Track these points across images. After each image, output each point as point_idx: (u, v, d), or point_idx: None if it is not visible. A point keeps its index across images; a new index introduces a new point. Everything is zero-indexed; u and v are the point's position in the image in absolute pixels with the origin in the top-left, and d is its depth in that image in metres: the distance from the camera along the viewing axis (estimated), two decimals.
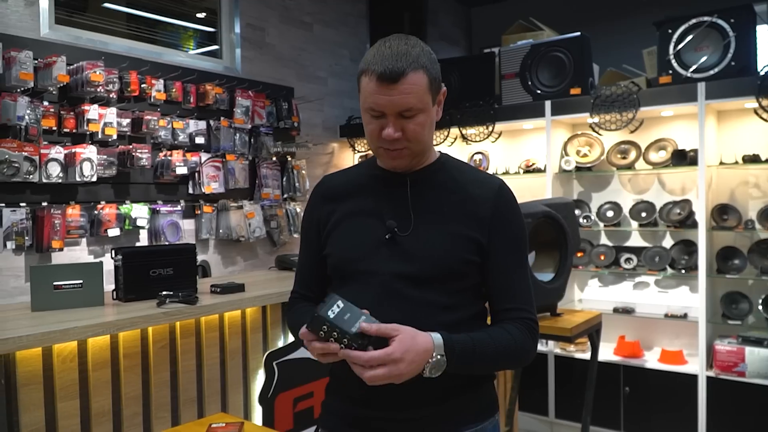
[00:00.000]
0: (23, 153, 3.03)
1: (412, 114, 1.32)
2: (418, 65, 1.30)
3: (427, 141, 1.41)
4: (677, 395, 3.80)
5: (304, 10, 4.83)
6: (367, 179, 1.49)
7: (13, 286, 3.11)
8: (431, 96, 1.35)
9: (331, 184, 1.54)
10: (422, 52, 1.33)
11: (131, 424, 2.03)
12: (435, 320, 1.34)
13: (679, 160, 3.90)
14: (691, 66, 3.76)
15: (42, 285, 2.09)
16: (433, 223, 1.40)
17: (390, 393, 1.32)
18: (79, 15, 3.63)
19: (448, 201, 1.42)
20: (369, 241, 1.41)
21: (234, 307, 2.25)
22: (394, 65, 1.29)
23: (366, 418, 1.41)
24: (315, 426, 2.58)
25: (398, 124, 1.33)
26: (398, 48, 1.31)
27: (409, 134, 1.34)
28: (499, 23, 5.21)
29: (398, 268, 1.37)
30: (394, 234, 1.39)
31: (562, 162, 4.31)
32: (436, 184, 1.44)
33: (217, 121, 4.01)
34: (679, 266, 3.96)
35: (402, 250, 1.38)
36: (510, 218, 1.44)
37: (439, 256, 1.37)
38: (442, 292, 1.37)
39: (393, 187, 1.44)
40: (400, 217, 1.40)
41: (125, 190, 3.59)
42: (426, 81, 1.32)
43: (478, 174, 1.50)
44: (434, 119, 1.40)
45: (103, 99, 3.40)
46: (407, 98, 1.30)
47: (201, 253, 3.98)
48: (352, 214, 1.46)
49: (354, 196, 1.48)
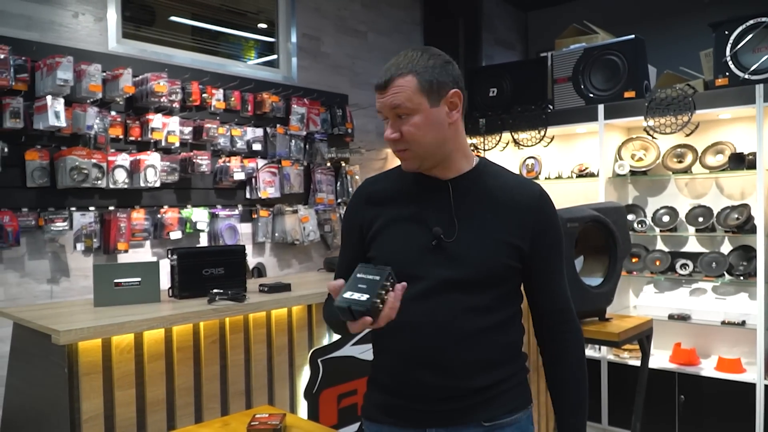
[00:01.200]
0: (92, 160, 3.23)
1: (403, 113, 1.42)
2: (406, 71, 1.42)
3: (430, 143, 1.45)
4: (734, 404, 3.71)
5: (359, 19, 4.95)
6: (410, 185, 1.54)
7: (82, 285, 3.32)
8: (425, 97, 1.42)
9: (375, 188, 1.60)
10: (417, 59, 1.44)
11: (183, 414, 2.15)
12: (477, 322, 1.45)
13: (736, 164, 3.81)
14: (748, 68, 3.67)
15: (104, 282, 2.25)
16: (476, 228, 1.47)
17: (427, 388, 1.46)
18: (147, 29, 3.84)
19: (491, 207, 1.48)
20: (415, 246, 1.47)
21: (280, 305, 2.36)
22: (383, 75, 1.44)
23: (400, 407, 1.51)
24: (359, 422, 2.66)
25: (395, 125, 1.44)
26: (392, 61, 1.46)
27: (405, 135, 1.43)
28: (556, 27, 5.19)
29: (445, 274, 1.44)
30: (440, 240, 1.46)
31: (616, 166, 4.27)
32: (477, 190, 1.50)
33: (274, 129, 4.16)
34: (737, 272, 3.86)
35: (448, 256, 1.45)
36: (551, 224, 1.52)
37: (484, 262, 1.45)
38: (485, 296, 1.45)
39: (435, 193, 1.51)
40: (444, 223, 1.47)
41: (186, 195, 3.78)
42: (415, 83, 1.41)
43: (518, 179, 1.56)
44: (439, 122, 1.45)
45: (166, 108, 3.59)
46: (394, 98, 1.42)
47: (257, 256, 4.14)
48: (396, 220, 1.52)
49: (397, 202, 1.54)
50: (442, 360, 1.45)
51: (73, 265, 3.29)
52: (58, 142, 3.23)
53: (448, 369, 1.45)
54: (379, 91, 1.45)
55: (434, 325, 1.44)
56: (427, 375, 1.46)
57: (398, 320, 1.44)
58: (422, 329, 1.45)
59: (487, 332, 1.46)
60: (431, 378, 1.45)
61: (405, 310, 1.40)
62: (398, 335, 1.48)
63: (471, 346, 1.45)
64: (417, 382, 1.47)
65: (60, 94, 3.10)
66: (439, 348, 1.45)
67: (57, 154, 3.19)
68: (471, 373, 1.45)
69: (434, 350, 1.45)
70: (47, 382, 2.02)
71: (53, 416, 1.98)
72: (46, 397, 2.03)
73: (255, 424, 1.76)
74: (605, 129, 4.21)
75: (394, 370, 1.52)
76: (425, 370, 1.46)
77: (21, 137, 3.10)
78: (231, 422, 1.85)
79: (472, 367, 1.46)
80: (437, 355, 1.45)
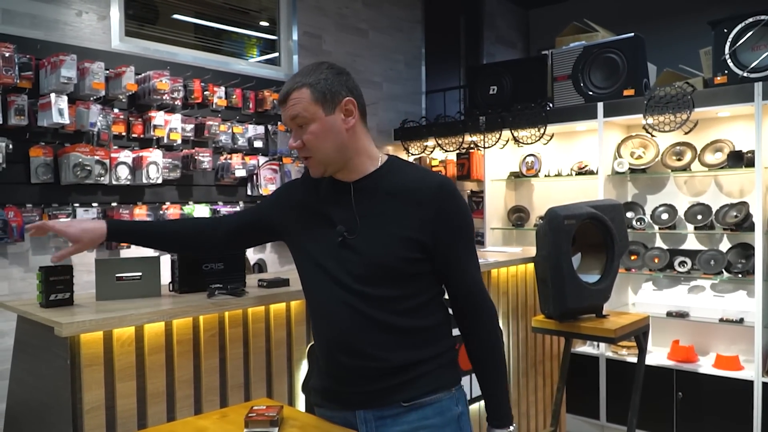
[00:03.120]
0: (95, 157, 3.27)
1: (302, 123, 1.58)
2: (300, 84, 1.57)
3: (331, 149, 1.59)
4: (732, 401, 3.73)
5: (360, 17, 4.98)
6: (326, 185, 1.71)
7: (86, 280, 3.35)
8: (320, 106, 1.57)
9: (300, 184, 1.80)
10: (310, 73, 1.59)
11: (183, 405, 2.19)
12: (385, 310, 1.59)
13: (735, 162, 3.83)
14: (747, 66, 3.69)
15: (105, 276, 2.28)
16: (375, 226, 1.60)
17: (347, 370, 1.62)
18: (150, 27, 3.88)
19: (390, 204, 1.61)
20: (325, 243, 1.64)
21: (278, 300, 2.39)
22: (282, 91, 1.61)
23: (331, 390, 1.69)
24: None
25: (297, 134, 1.60)
26: (291, 78, 1.62)
27: (306, 143, 1.59)
28: (557, 24, 5.21)
29: (348, 268, 1.60)
30: (344, 237, 1.61)
31: (615, 164, 4.29)
32: (379, 190, 1.63)
33: (275, 126, 4.20)
34: (736, 270, 3.87)
35: (350, 252, 1.60)
36: (452, 213, 1.62)
37: (379, 256, 1.58)
38: (391, 286, 1.59)
39: (342, 195, 1.66)
40: (349, 222, 1.62)
41: (188, 192, 3.82)
42: (308, 94, 1.56)
43: (419, 174, 1.66)
44: (335, 128, 1.59)
45: (168, 106, 3.62)
46: (292, 109, 1.58)
47: (258, 252, 4.17)
48: (309, 221, 1.70)
49: (311, 205, 1.72)
50: (356, 343, 1.59)
51: (76, 260, 3.32)
52: (62, 139, 3.27)
53: (361, 351, 1.59)
54: (281, 105, 1.61)
55: (346, 313, 1.59)
56: (344, 358, 1.61)
57: (319, 308, 1.68)
58: (336, 316, 1.61)
59: (397, 318, 1.59)
60: (348, 360, 1.60)
61: (322, 299, 1.65)
62: (319, 322, 1.69)
63: (382, 331, 1.58)
64: (338, 364, 1.63)
65: (64, 91, 3.14)
66: (351, 333, 1.59)
67: (61, 151, 3.23)
68: (382, 356, 1.59)
69: (348, 335, 1.60)
70: (50, 374, 2.05)
71: (56, 407, 2.02)
72: (48, 389, 2.07)
73: (253, 416, 1.79)
74: (605, 127, 4.23)
75: (322, 354, 1.70)
76: (342, 354, 1.61)
77: (25, 134, 3.14)
78: (229, 414, 1.88)
79: (384, 348, 1.59)
80: (351, 339, 1.60)
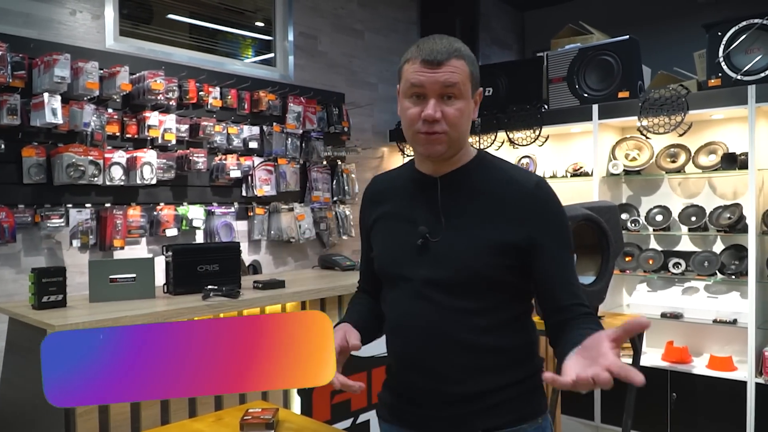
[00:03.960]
0: (89, 157, 3.25)
1: (453, 95, 1.36)
2: (460, 54, 1.37)
3: (464, 131, 1.41)
4: (725, 402, 3.74)
5: (356, 18, 4.97)
6: (405, 182, 1.53)
7: (78, 282, 3.34)
8: (471, 87, 1.40)
9: (376, 188, 1.62)
10: (464, 47, 1.40)
11: (178, 408, 2.18)
12: (466, 325, 1.39)
13: (729, 164, 3.84)
14: (741, 68, 3.70)
15: (99, 278, 2.28)
16: (463, 227, 1.40)
17: (423, 392, 1.43)
18: (145, 27, 3.86)
19: (481, 204, 1.41)
20: (403, 246, 1.45)
21: (273, 301, 2.39)
22: (439, 50, 1.35)
23: (402, 410, 1.49)
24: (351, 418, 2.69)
25: (439, 105, 1.36)
26: (442, 41, 1.38)
27: (449, 117, 1.36)
28: (552, 26, 5.22)
29: (428, 274, 1.40)
30: (425, 239, 1.41)
31: (610, 166, 4.30)
32: (469, 186, 1.44)
33: (270, 127, 4.18)
34: (729, 271, 3.89)
35: (432, 256, 1.41)
36: (551, 215, 1.42)
37: (466, 262, 1.38)
38: (473, 297, 1.38)
39: (426, 191, 1.46)
40: (432, 221, 1.43)
41: (183, 193, 3.80)
42: (467, 71, 1.38)
43: (514, 172, 1.46)
44: (471, 114, 1.43)
45: (163, 106, 3.61)
46: (451, 76, 1.35)
47: (253, 254, 4.16)
48: (389, 218, 1.52)
49: (392, 199, 1.53)
50: (429, 364, 1.41)
51: (69, 262, 3.31)
52: (55, 139, 3.25)
53: (435, 373, 1.41)
54: (429, 66, 1.35)
55: (420, 328, 1.41)
56: (417, 378, 1.43)
57: (393, 323, 1.49)
58: (410, 332, 1.43)
59: (477, 336, 1.39)
60: (422, 382, 1.43)
61: (399, 314, 1.45)
62: (392, 338, 1.50)
63: (458, 351, 1.39)
64: (411, 385, 1.45)
65: (57, 91, 3.12)
66: (425, 351, 1.41)
67: (54, 151, 3.21)
68: (460, 379, 1.40)
69: (421, 353, 1.42)
70: None
71: (48, 410, 2.00)
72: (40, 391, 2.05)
73: (248, 419, 1.78)
74: (599, 129, 4.24)
75: (394, 371, 1.53)
76: (415, 374, 1.44)
77: (18, 134, 3.12)
78: (224, 417, 1.87)
79: (460, 372, 1.40)
80: (425, 359, 1.42)
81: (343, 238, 4.62)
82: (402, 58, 1.44)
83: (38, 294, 2.09)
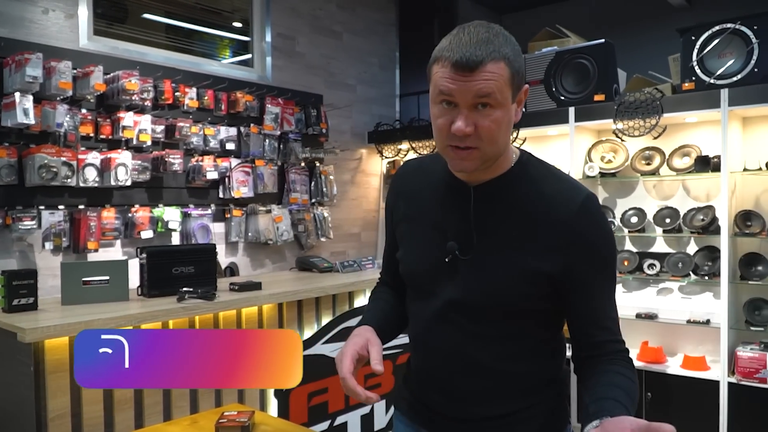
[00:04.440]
0: (62, 158, 3.21)
1: (488, 105, 1.17)
2: (499, 55, 1.15)
3: (502, 144, 1.23)
4: (699, 401, 3.78)
5: (334, 20, 4.96)
6: (438, 182, 1.36)
7: (51, 285, 3.28)
8: (512, 91, 1.19)
9: (406, 179, 1.46)
10: (506, 42, 1.19)
11: (152, 412, 2.16)
12: (489, 351, 1.30)
13: (702, 167, 3.89)
14: (714, 72, 3.75)
15: (71, 281, 2.24)
16: (496, 248, 1.27)
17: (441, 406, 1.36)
18: (119, 26, 3.82)
19: (518, 222, 1.27)
20: (431, 259, 1.33)
21: (250, 303, 2.37)
22: (472, 53, 1.14)
23: (425, 414, 1.41)
24: (328, 420, 2.68)
25: (471, 117, 1.17)
26: (478, 35, 1.16)
27: (483, 132, 1.17)
28: (531, 30, 5.24)
29: (452, 295, 1.29)
30: (454, 257, 1.29)
31: (586, 168, 4.34)
32: (506, 200, 1.28)
33: (247, 128, 4.16)
34: (703, 272, 3.94)
35: (460, 276, 1.29)
36: (594, 240, 1.25)
37: (496, 289, 1.26)
38: (499, 324, 1.28)
39: (459, 200, 1.31)
40: (463, 236, 1.29)
41: (158, 194, 3.76)
42: (507, 73, 1.17)
43: (560, 185, 1.29)
44: (512, 120, 1.23)
45: (138, 107, 3.57)
46: (486, 85, 1.14)
47: (230, 256, 4.13)
48: (418, 222, 1.39)
49: (422, 199, 1.39)
50: (450, 387, 1.34)
51: (41, 264, 3.26)
52: (27, 140, 3.20)
53: (457, 397, 1.34)
54: (460, 71, 1.15)
55: (442, 350, 1.33)
56: (438, 398, 1.36)
57: (417, 337, 1.40)
58: (431, 352, 1.35)
59: (501, 362, 1.29)
60: (442, 401, 1.36)
61: (421, 328, 1.37)
62: (415, 352, 1.43)
63: (481, 374, 1.30)
64: (431, 401, 1.38)
65: (29, 91, 3.07)
66: (446, 374, 1.33)
67: (25, 152, 3.16)
68: (481, 402, 1.32)
69: (442, 375, 1.34)
70: (13, 381, 2.00)
71: (19, 415, 1.97)
72: (12, 396, 2.02)
73: (223, 422, 1.76)
74: (576, 131, 4.27)
75: (416, 380, 1.44)
76: (436, 394, 1.37)
77: None
78: (200, 420, 1.86)
79: (481, 397, 1.32)
80: (445, 381, 1.34)
81: (322, 240, 4.61)
82: (433, 53, 1.23)
83: (8, 297, 2.06)
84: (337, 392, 2.67)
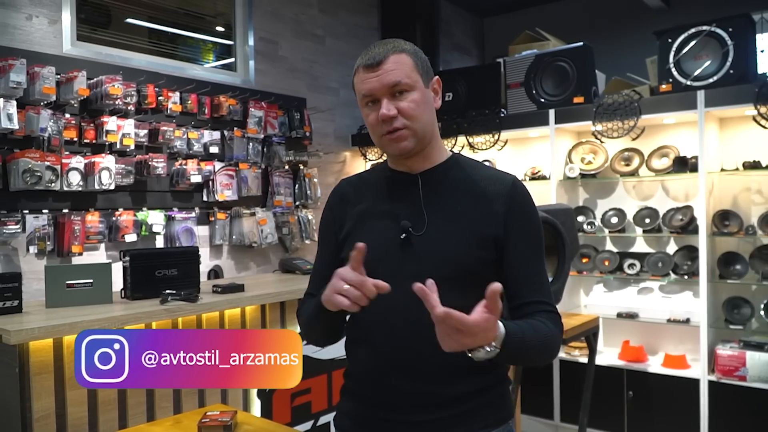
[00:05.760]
0: (46, 162, 3.21)
1: (403, 91, 1.39)
2: (399, 49, 1.41)
3: (427, 122, 1.43)
4: (680, 399, 3.85)
5: (317, 24, 5.00)
6: (380, 181, 1.53)
7: (36, 288, 3.28)
8: (420, 76, 1.42)
9: (346, 189, 1.58)
10: (405, 43, 1.44)
11: (136, 413, 2.18)
12: None
13: (680, 167, 3.97)
14: (690, 74, 3.82)
15: (55, 283, 2.26)
16: (446, 221, 1.42)
17: (402, 395, 1.39)
18: (102, 31, 3.83)
19: (462, 199, 1.44)
20: (385, 242, 1.42)
21: (233, 305, 2.40)
22: (376, 53, 1.40)
23: (377, 419, 1.43)
24: (312, 420, 2.70)
25: (392, 103, 1.39)
26: (380, 45, 1.43)
27: (405, 111, 1.39)
28: (511, 33, 5.30)
29: (414, 269, 1.35)
30: (408, 234, 1.41)
31: (567, 169, 4.40)
32: (448, 183, 1.47)
33: (231, 132, 4.18)
34: (682, 272, 4.01)
35: (416, 251, 1.40)
36: (525, 213, 1.45)
37: (454, 255, 1.39)
38: (458, 293, 1.29)
39: (405, 188, 1.47)
40: (414, 217, 1.42)
41: (142, 198, 3.77)
42: (410, 61, 1.41)
43: (490, 171, 1.52)
44: (431, 102, 1.45)
45: (121, 111, 3.58)
46: (392, 74, 1.38)
47: (215, 259, 4.15)
48: (368, 217, 1.49)
49: (369, 198, 1.52)
50: (419, 363, 1.38)
51: (26, 268, 3.26)
52: (11, 145, 3.20)
53: (425, 373, 1.38)
54: (371, 70, 1.40)
55: (408, 326, 1.37)
56: (402, 380, 1.39)
57: (374, 320, 1.41)
58: (397, 330, 1.39)
59: None
60: (407, 383, 1.39)
61: (379, 310, 1.34)
62: (374, 337, 1.43)
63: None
64: (392, 389, 1.40)
65: (12, 96, 3.08)
66: (414, 350, 1.37)
67: (9, 157, 3.17)
68: (450, 379, 1.38)
69: (410, 352, 1.38)
70: None
71: (4, 416, 1.98)
72: None
73: (206, 421, 1.79)
74: (556, 133, 4.34)
75: (368, 377, 1.45)
76: (401, 375, 1.39)
77: None
78: (183, 420, 1.88)
79: (450, 372, 1.38)
80: (413, 358, 1.38)
81: (306, 242, 4.63)
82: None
83: None
84: (321, 393, 2.69)
